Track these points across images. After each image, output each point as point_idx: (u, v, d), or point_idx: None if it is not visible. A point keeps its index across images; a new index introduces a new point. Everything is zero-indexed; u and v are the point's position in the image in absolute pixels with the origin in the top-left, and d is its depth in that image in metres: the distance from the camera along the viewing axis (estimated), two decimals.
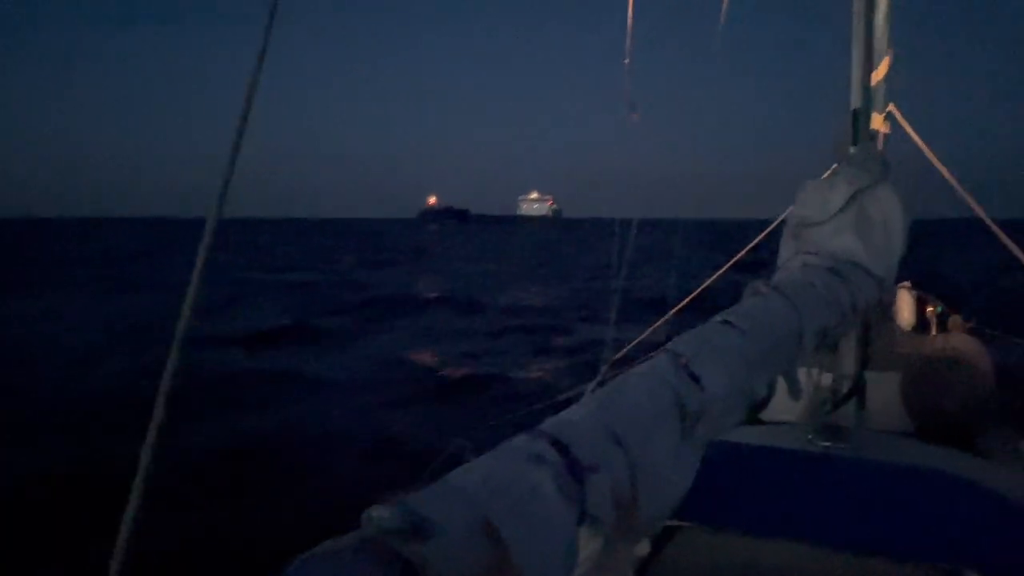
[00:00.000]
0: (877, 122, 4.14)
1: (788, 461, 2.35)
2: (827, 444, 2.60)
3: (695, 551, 2.05)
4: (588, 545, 0.84)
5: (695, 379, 1.18)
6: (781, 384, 2.91)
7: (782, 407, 3.21)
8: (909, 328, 5.67)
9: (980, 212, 3.94)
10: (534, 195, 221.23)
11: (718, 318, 1.53)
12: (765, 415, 3.56)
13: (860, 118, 3.16)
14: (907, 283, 5.84)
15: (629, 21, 3.63)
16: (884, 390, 3.55)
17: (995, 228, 3.95)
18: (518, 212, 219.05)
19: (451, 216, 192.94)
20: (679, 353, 1.23)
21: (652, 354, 1.25)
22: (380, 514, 0.62)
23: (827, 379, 2.94)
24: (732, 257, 5.16)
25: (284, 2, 0.87)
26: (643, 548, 2.04)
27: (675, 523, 2.08)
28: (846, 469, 2.31)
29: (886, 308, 5.16)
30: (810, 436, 2.66)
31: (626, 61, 3.73)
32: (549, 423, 0.90)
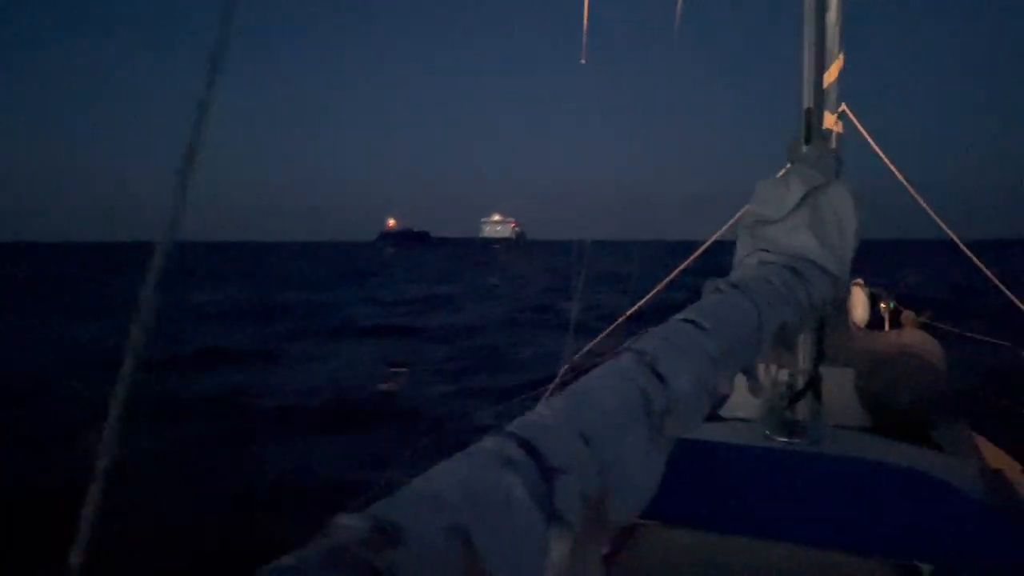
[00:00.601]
0: (830, 121, 4.21)
1: (746, 457, 2.37)
2: (784, 440, 2.64)
3: (655, 549, 2.06)
4: (558, 547, 0.83)
5: (660, 378, 1.18)
6: (740, 381, 2.94)
7: (741, 404, 3.25)
8: (863, 324, 5.78)
9: (928, 208, 4.03)
10: (496, 217, 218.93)
11: (680, 316, 1.53)
12: (724, 412, 3.59)
13: (812, 117, 3.20)
14: (860, 280, 5.95)
15: (585, 24, 3.64)
16: (840, 385, 3.60)
17: (942, 223, 4.04)
18: (480, 234, 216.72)
19: (410, 239, 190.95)
20: (644, 351, 1.23)
21: (616, 352, 1.24)
22: (347, 522, 0.61)
23: (784, 375, 2.98)
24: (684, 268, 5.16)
25: (239, 17, 0.85)
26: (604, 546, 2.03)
27: (635, 521, 2.09)
28: (803, 464, 2.33)
29: (841, 304, 5.24)
30: (768, 432, 2.69)
31: (582, 61, 3.74)
32: (517, 424, 0.89)
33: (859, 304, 5.87)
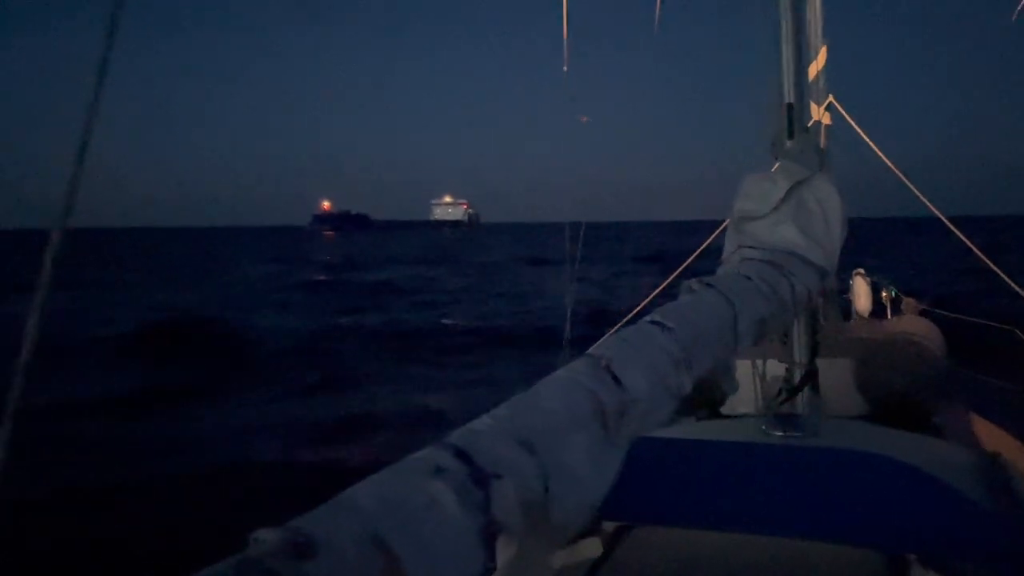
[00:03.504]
0: (817, 113, 4.22)
1: (740, 454, 2.38)
2: (779, 434, 2.64)
3: (649, 551, 2.07)
4: (502, 552, 0.85)
5: (616, 380, 1.19)
6: (740, 377, 2.95)
7: (743, 400, 3.26)
8: (865, 313, 5.77)
9: (920, 195, 4.03)
10: (447, 199, 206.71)
11: (647, 318, 1.55)
12: (726, 409, 3.60)
13: (794, 111, 3.21)
14: (860, 270, 5.95)
15: (564, 29, 3.67)
16: (838, 376, 3.61)
17: (932, 207, 4.04)
18: (431, 217, 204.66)
19: (348, 222, 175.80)
20: (599, 356, 1.24)
21: (573, 360, 1.26)
22: (263, 536, 0.63)
23: (779, 369, 2.98)
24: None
25: None
26: (595, 550, 2.05)
27: (627, 524, 2.10)
28: (796, 458, 2.34)
29: (837, 296, 5.24)
30: (763, 427, 2.70)
31: (565, 68, 3.76)
32: (455, 433, 0.91)
33: (861, 294, 5.86)
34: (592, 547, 2.06)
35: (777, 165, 3.13)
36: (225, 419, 10.67)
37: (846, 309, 5.73)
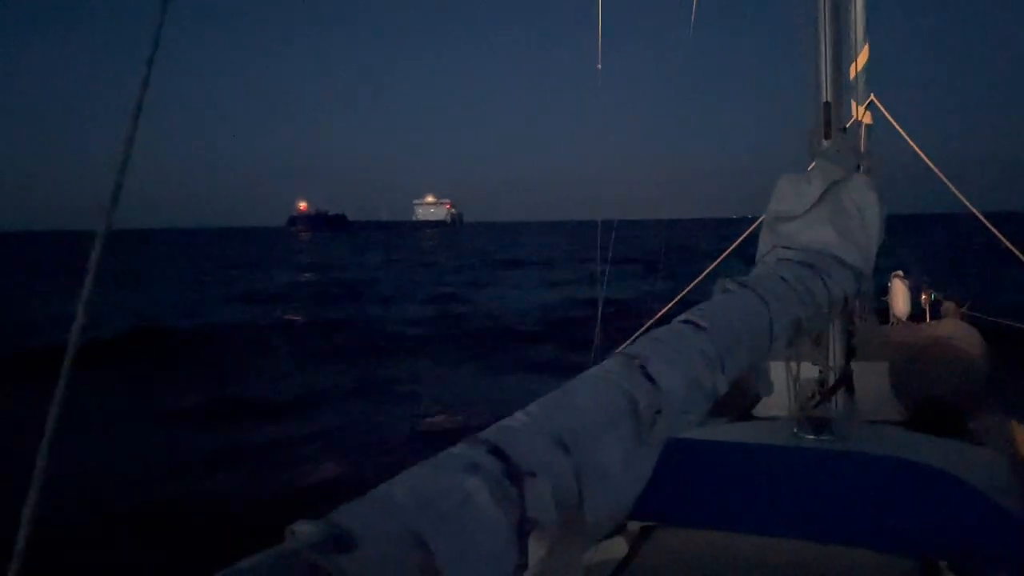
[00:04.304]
0: (858, 113, 4.15)
1: (771, 457, 2.36)
2: (812, 437, 2.61)
3: (675, 552, 2.06)
4: (535, 549, 0.85)
5: (650, 379, 1.19)
6: (774, 379, 2.93)
7: (774, 403, 3.23)
8: (904, 317, 5.67)
9: (960, 196, 3.96)
10: (430, 199, 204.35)
11: (681, 318, 1.54)
12: (758, 411, 3.58)
13: (831, 111, 3.17)
14: (899, 272, 5.85)
15: (599, 26, 3.65)
16: (875, 380, 3.56)
17: (974, 210, 3.96)
18: (413, 217, 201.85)
19: (324, 222, 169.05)
20: (634, 355, 1.24)
21: (608, 358, 1.25)
22: (302, 528, 0.63)
23: (813, 372, 2.95)
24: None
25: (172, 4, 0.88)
26: (620, 550, 2.05)
27: (652, 523, 2.10)
28: (828, 462, 2.31)
29: (874, 298, 5.16)
30: (795, 430, 2.67)
31: (598, 66, 3.75)
32: (489, 430, 0.91)
33: (900, 296, 5.77)
34: (617, 547, 2.06)
35: (813, 165, 3.10)
36: None
37: (884, 312, 5.65)
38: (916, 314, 5.81)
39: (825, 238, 2.73)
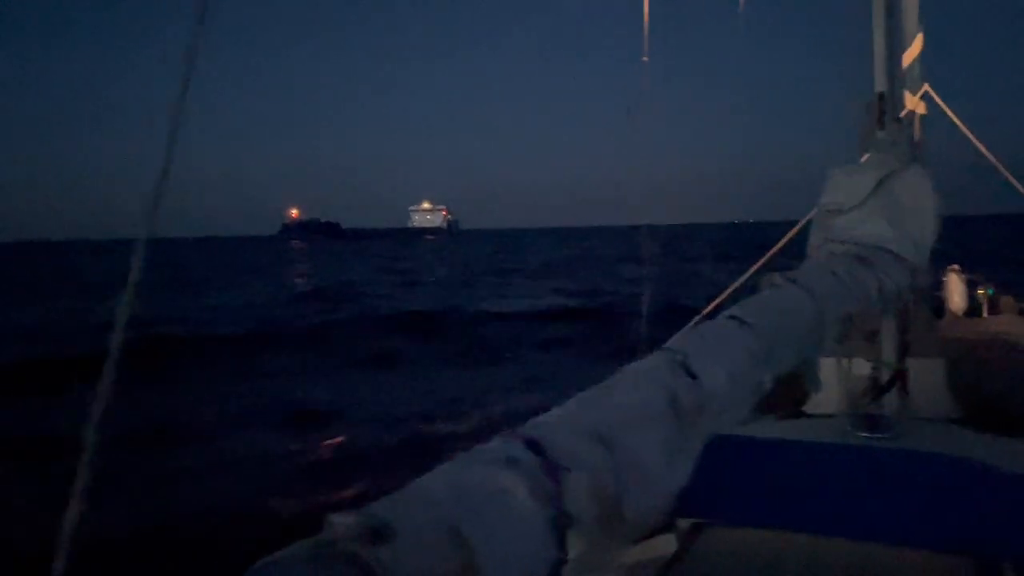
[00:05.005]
0: (912, 103, 4.06)
1: (823, 454, 2.32)
2: (865, 435, 2.56)
3: (725, 551, 2.03)
4: (573, 545, 0.84)
5: (692, 375, 1.18)
6: (825, 376, 2.89)
7: (826, 399, 3.17)
8: (960, 312, 5.52)
9: (1019, 187, 3.84)
10: (426, 205, 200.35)
11: (726, 313, 1.52)
12: (808, 407, 3.52)
13: (887, 100, 3.10)
14: (956, 266, 5.69)
15: (645, 13, 3.61)
16: (930, 377, 3.47)
17: None
18: (409, 224, 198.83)
19: (317, 230, 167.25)
20: (675, 350, 1.22)
21: (649, 353, 1.24)
22: (340, 519, 0.63)
23: (866, 368, 2.89)
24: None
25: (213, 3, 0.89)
26: (669, 547, 2.03)
27: (701, 521, 2.07)
28: (883, 460, 2.26)
29: (931, 293, 5.04)
30: (848, 427, 2.62)
31: (644, 59, 3.71)
32: (526, 424, 0.91)
33: (955, 291, 5.61)
34: (666, 544, 2.04)
35: (866, 156, 3.03)
36: None
37: (939, 307, 5.50)
38: (971, 310, 5.65)
39: (878, 231, 2.67)
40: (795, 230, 4.12)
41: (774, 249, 4.48)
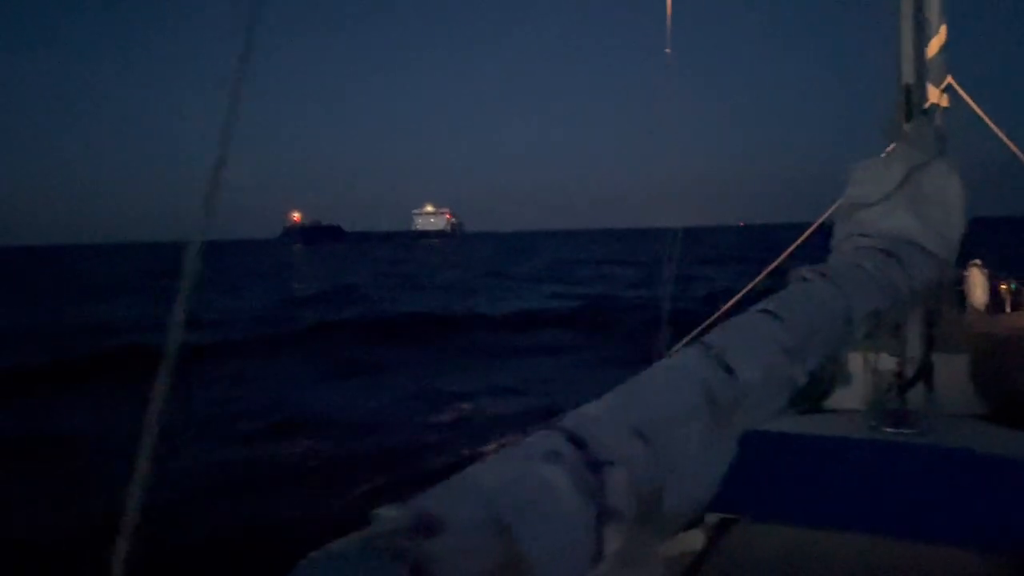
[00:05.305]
0: (935, 96, 3.99)
1: (850, 450, 2.31)
2: (891, 431, 2.54)
3: (754, 546, 2.03)
4: (613, 539, 0.84)
5: (728, 370, 1.18)
6: (850, 370, 2.83)
7: (849, 394, 3.12)
8: (982, 307, 5.47)
9: None
10: (429, 208, 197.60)
11: (758, 307, 1.52)
12: (832, 403, 3.47)
13: (913, 93, 3.05)
14: (978, 261, 5.63)
15: (668, 9, 3.56)
16: (955, 372, 3.43)
17: None
18: (413, 227, 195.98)
19: (319, 233, 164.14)
20: (711, 345, 1.23)
21: (684, 347, 1.23)
22: (388, 513, 0.64)
23: (891, 363, 2.86)
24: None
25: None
26: (697, 542, 2.02)
27: (730, 516, 2.05)
28: (910, 456, 2.25)
29: (954, 288, 4.98)
30: (873, 423, 2.59)
31: (667, 50, 3.67)
32: (567, 418, 0.90)
33: (978, 286, 5.55)
34: (694, 539, 2.04)
35: (892, 148, 2.99)
36: None
37: (960, 302, 5.44)
38: (994, 305, 5.59)
39: (905, 225, 2.64)
40: (817, 223, 4.08)
41: (797, 242, 4.44)
